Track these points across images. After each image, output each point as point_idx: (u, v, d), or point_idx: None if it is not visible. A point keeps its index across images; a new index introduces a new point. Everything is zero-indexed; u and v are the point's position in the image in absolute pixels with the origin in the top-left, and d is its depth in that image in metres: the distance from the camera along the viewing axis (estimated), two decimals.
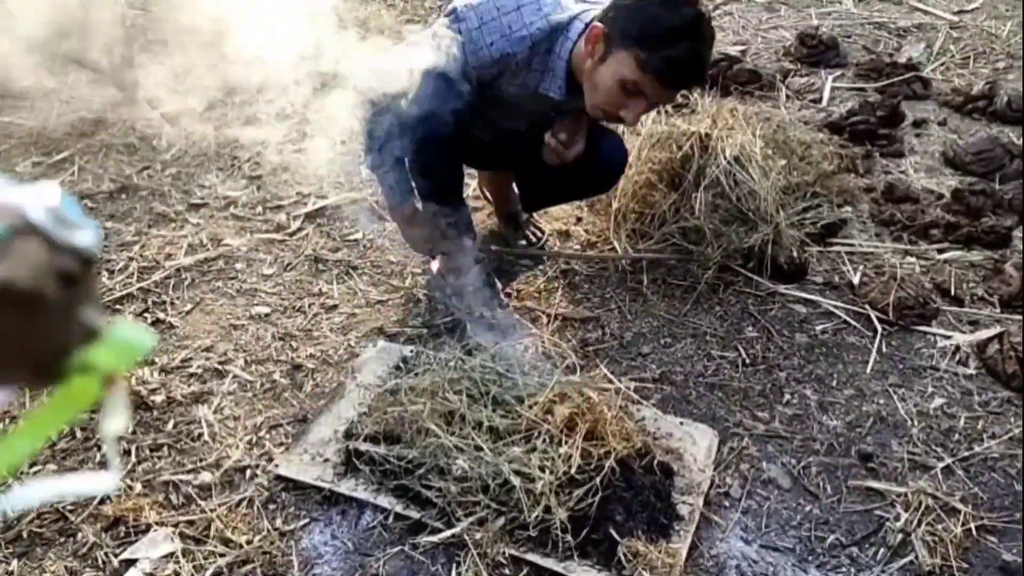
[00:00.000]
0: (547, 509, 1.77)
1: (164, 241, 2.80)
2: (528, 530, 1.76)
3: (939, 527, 1.85)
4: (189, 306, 2.51)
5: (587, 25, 2.09)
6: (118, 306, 2.51)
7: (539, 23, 2.08)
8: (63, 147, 3.35)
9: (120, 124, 3.51)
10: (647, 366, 2.32)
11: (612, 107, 2.08)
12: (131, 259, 2.71)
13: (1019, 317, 2.43)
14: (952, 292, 2.53)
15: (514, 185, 2.77)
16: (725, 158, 2.52)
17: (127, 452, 2.02)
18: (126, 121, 3.52)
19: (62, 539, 1.83)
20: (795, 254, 2.59)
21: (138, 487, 1.93)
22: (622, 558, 1.74)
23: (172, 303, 2.52)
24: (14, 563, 1.77)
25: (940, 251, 2.72)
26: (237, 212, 2.96)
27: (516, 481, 1.79)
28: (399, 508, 1.85)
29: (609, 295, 2.57)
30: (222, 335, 2.38)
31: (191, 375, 2.25)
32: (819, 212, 2.76)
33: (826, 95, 3.68)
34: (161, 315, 2.47)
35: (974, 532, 1.85)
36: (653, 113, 2.86)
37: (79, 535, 1.83)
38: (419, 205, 2.34)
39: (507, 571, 1.74)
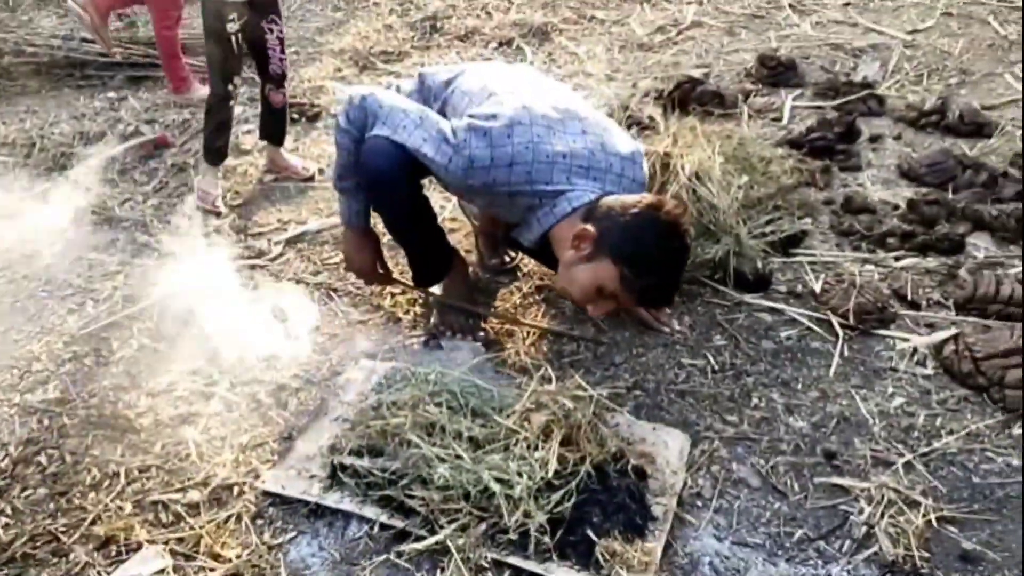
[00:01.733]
0: (526, 513, 1.84)
1: (147, 270, 2.86)
2: (509, 534, 1.83)
3: (901, 519, 1.93)
4: (173, 332, 2.57)
5: (574, 209, 2.17)
6: (104, 334, 2.56)
7: (524, 186, 2.16)
8: (43, 179, 3.41)
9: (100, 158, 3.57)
10: (620, 375, 2.40)
11: (581, 302, 2.24)
12: (115, 288, 2.77)
13: (973, 319, 2.54)
14: (909, 297, 2.64)
15: None
16: (685, 174, 2.63)
17: (115, 475, 2.07)
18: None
19: (55, 559, 1.87)
20: (759, 265, 2.70)
21: (128, 507, 1.98)
22: (599, 558, 1.81)
23: (157, 329, 2.58)
24: None
25: (897, 259, 2.84)
26: (219, 240, 3.03)
27: (496, 487, 1.87)
28: (384, 518, 1.92)
29: (581, 315, 2.65)
30: (207, 358, 2.44)
31: (178, 398, 2.31)
32: (780, 224, 2.86)
33: (786, 113, 3.81)
34: (146, 341, 2.53)
35: (935, 523, 1.93)
36: None
37: (71, 555, 1.88)
38: (370, 228, 2.46)
39: (490, 574, 1.81)
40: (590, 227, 2.10)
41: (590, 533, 1.85)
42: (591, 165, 2.20)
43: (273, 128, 3.41)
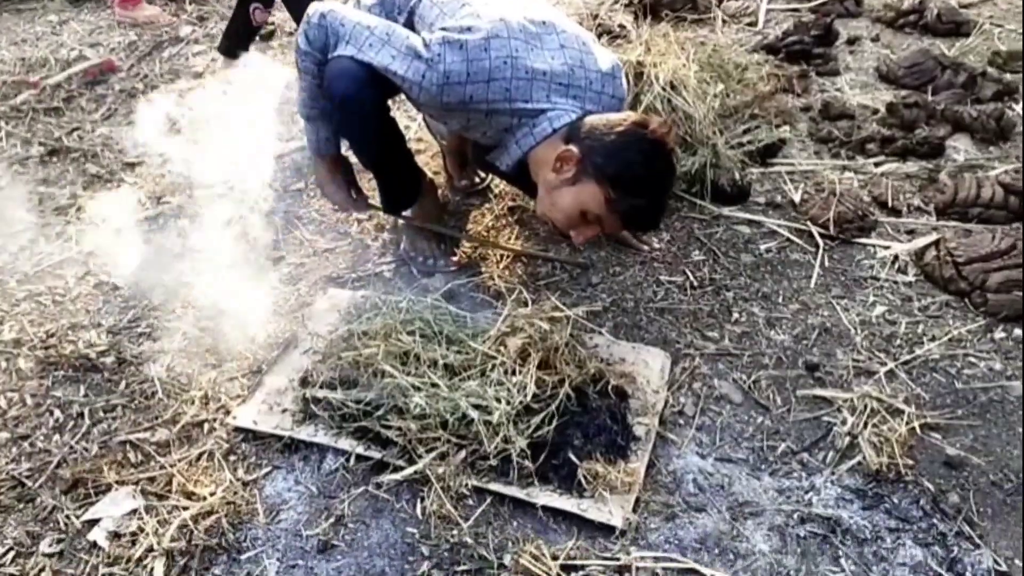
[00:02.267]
0: (506, 439, 1.79)
1: (101, 202, 2.73)
2: (489, 460, 1.79)
3: (884, 428, 1.91)
4: (133, 266, 2.46)
5: (555, 130, 2.04)
6: (59, 271, 2.45)
7: (502, 103, 2.03)
8: None
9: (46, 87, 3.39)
10: (598, 295, 2.34)
11: (564, 227, 2.09)
12: (68, 223, 2.65)
13: (954, 224, 2.50)
14: (889, 203, 2.59)
15: None
16: (659, 84, 2.53)
17: (79, 416, 2.00)
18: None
19: (21, 505, 1.81)
20: (737, 176, 2.63)
21: (95, 448, 1.91)
22: (582, 480, 1.78)
23: (115, 264, 2.47)
24: None
25: (877, 164, 2.78)
26: (175, 168, 2.90)
27: (474, 414, 1.82)
28: (360, 450, 1.86)
29: (556, 236, 2.57)
30: (169, 293, 2.34)
31: (140, 334, 2.23)
32: (758, 133, 2.79)
33: (761, 18, 3.69)
34: (104, 277, 2.43)
35: (918, 430, 1.92)
36: None
37: (38, 500, 1.81)
38: (341, 154, 2.33)
39: (471, 502, 1.77)
40: (573, 148, 2.00)
41: (572, 456, 1.81)
42: (571, 83, 2.08)
43: (239, 43, 3.27)
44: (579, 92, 2.09)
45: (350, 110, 2.11)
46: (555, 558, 1.65)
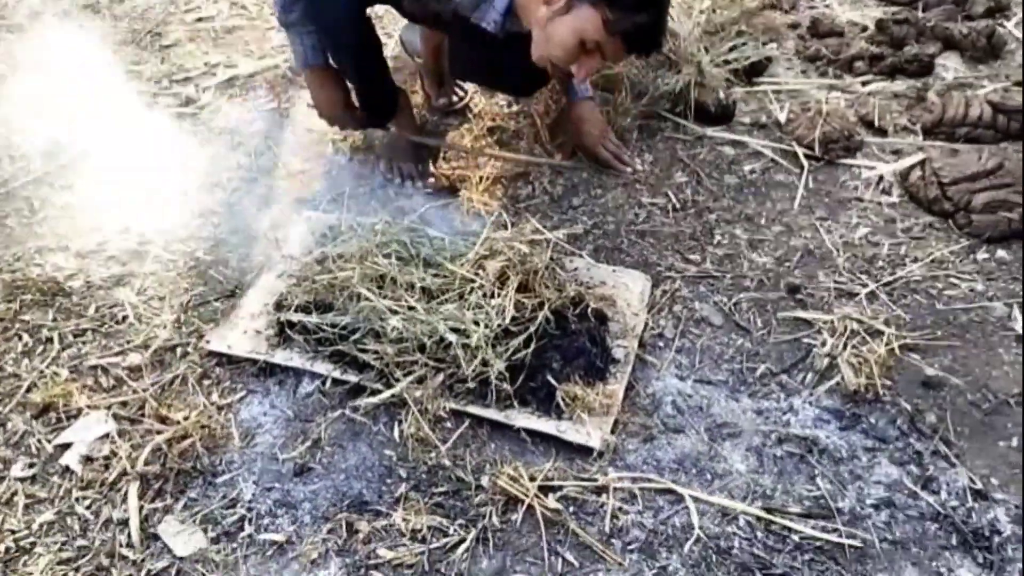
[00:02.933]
0: (484, 362, 1.77)
1: (65, 120, 2.63)
2: (467, 383, 1.77)
3: (864, 349, 1.90)
4: (100, 187, 2.39)
5: None
6: (24, 193, 2.38)
7: None
8: None
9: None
10: (578, 218, 2.30)
11: (564, 62, 1.95)
12: (31, 143, 2.55)
13: (940, 143, 2.46)
14: (876, 123, 2.54)
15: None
16: None
17: (48, 340, 1.96)
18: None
19: None
20: (721, 96, 2.56)
21: (64, 373, 1.88)
22: (560, 403, 1.77)
23: (81, 185, 2.40)
24: None
25: (864, 84, 2.71)
26: (141, 87, 2.80)
27: (452, 337, 1.79)
28: (336, 373, 1.84)
29: (537, 151, 2.51)
30: (137, 215, 2.28)
31: (109, 258, 2.17)
32: (744, 51, 2.71)
33: None
34: (69, 199, 2.36)
35: (897, 351, 1.91)
36: None
37: (8, 424, 1.79)
38: (330, 65, 2.24)
39: (448, 425, 1.76)
40: None
41: (550, 379, 1.80)
42: None
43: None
44: None
45: (328, 9, 2.02)
46: (533, 479, 1.64)
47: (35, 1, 3.27)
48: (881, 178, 2.37)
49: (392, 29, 2.99)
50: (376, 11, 2.07)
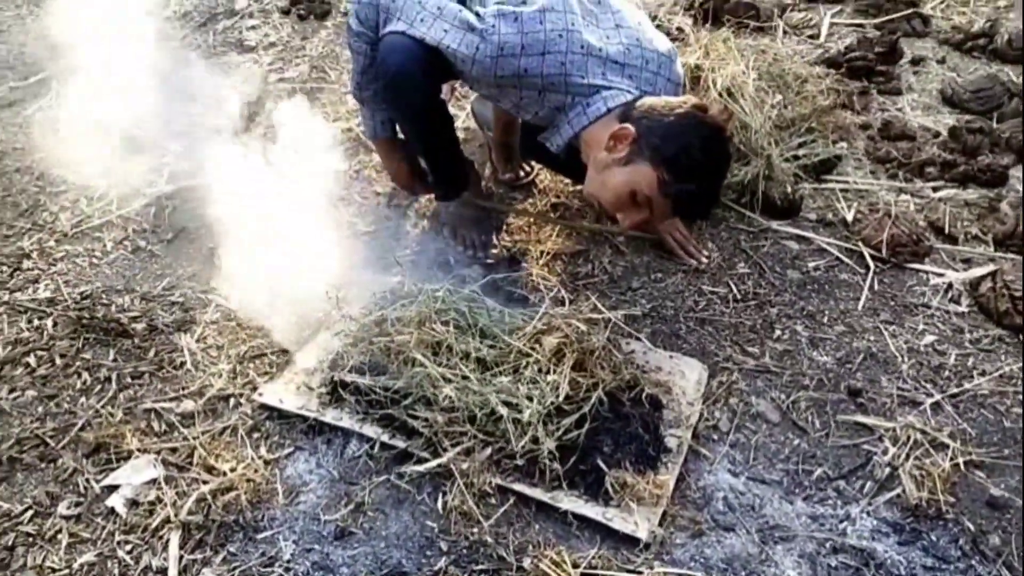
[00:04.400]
0: (534, 439, 1.75)
1: (145, 169, 2.72)
2: (515, 460, 1.75)
3: (927, 461, 1.84)
4: (171, 234, 2.45)
5: (609, 110, 2.01)
6: (97, 234, 2.45)
7: (557, 78, 1.99)
8: (39, 70, 3.25)
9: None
10: (637, 300, 2.29)
11: (612, 208, 2.04)
12: (111, 187, 2.64)
13: (1013, 256, 2.41)
14: (946, 230, 2.50)
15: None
16: (716, 90, 2.46)
17: (107, 380, 1.98)
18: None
19: (43, 465, 1.80)
20: (789, 190, 2.55)
21: (119, 414, 1.90)
22: (609, 488, 1.73)
23: (154, 230, 2.47)
24: None
25: (935, 189, 2.69)
26: (219, 141, 2.88)
27: (503, 411, 1.77)
28: (385, 437, 1.83)
29: (599, 230, 2.52)
30: (205, 263, 2.33)
31: (173, 303, 2.21)
32: (814, 148, 2.70)
33: (824, 30, 3.59)
34: (142, 243, 2.42)
35: (962, 467, 1.85)
36: None
37: (60, 461, 1.80)
38: (398, 137, 2.31)
39: (493, 500, 1.73)
40: (629, 126, 1.95)
41: (600, 463, 1.76)
42: (627, 62, 2.03)
43: None
44: (635, 72, 2.04)
45: (402, 86, 2.08)
46: (576, 566, 1.60)
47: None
48: (950, 286, 2.33)
49: (464, 102, 3.05)
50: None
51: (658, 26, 3.36)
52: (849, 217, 2.56)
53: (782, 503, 1.78)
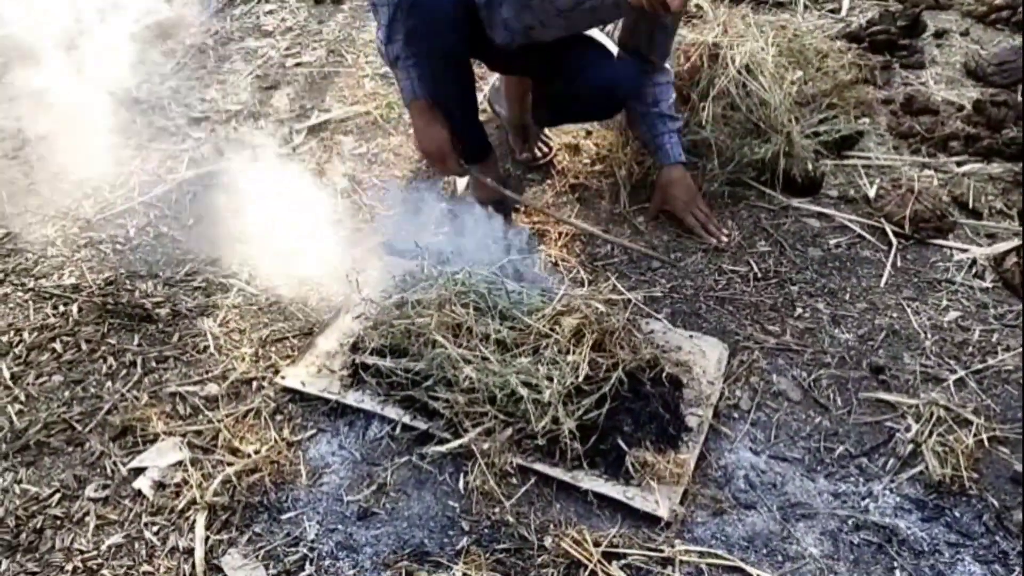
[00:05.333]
0: (555, 419, 1.75)
1: (165, 155, 2.74)
2: (536, 440, 1.75)
3: (950, 438, 1.83)
4: (192, 220, 2.47)
5: None
6: (120, 220, 2.47)
7: None
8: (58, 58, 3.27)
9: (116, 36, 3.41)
10: (657, 280, 2.28)
11: None
12: (132, 173, 2.66)
13: None
14: (970, 205, 2.47)
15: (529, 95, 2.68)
16: (735, 67, 2.44)
17: (132, 364, 2.01)
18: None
19: (70, 448, 1.83)
20: (809, 167, 2.53)
21: (144, 398, 1.93)
22: (630, 468, 1.73)
23: (175, 217, 2.49)
24: (22, 472, 1.77)
25: (959, 164, 2.65)
26: (238, 126, 2.90)
27: (523, 392, 1.78)
28: (406, 419, 1.84)
29: (618, 210, 2.52)
30: (227, 248, 2.34)
31: (196, 288, 2.23)
32: (835, 124, 2.67)
33: (845, 4, 3.55)
34: (164, 229, 2.44)
35: (986, 443, 1.83)
36: None
37: (87, 444, 1.83)
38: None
39: (514, 480, 1.74)
40: None
41: (621, 442, 1.77)
42: None
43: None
44: None
45: (436, 25, 2.09)
46: (597, 544, 1.61)
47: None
48: (974, 261, 2.30)
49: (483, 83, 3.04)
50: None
51: None
52: (871, 193, 2.53)
53: (804, 481, 1.78)
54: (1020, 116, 2.79)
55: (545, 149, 2.74)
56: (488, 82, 2.90)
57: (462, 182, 2.55)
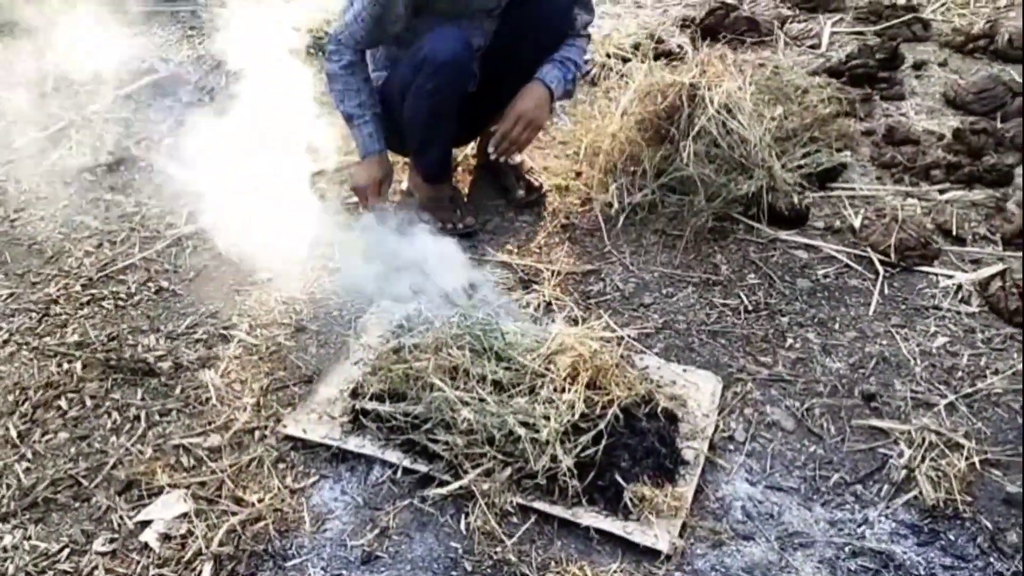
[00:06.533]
0: (553, 458, 1.78)
1: (164, 211, 2.80)
2: (535, 479, 1.78)
3: (943, 462, 1.86)
4: (192, 273, 2.52)
5: None
6: (121, 277, 2.52)
7: None
8: (59, 119, 3.35)
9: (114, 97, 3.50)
10: (649, 316, 2.32)
11: None
12: (132, 230, 2.72)
13: (1021, 254, 2.42)
14: (954, 232, 2.52)
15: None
16: (713, 107, 2.50)
17: (136, 418, 2.04)
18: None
19: (77, 504, 1.86)
20: (795, 199, 2.58)
21: (149, 451, 1.96)
22: (628, 503, 1.76)
23: (175, 271, 2.54)
24: (31, 528, 1.80)
25: (941, 192, 2.71)
26: (235, 182, 2.95)
27: (521, 431, 1.81)
28: (407, 462, 1.87)
29: (609, 248, 2.57)
30: (226, 300, 2.39)
31: (197, 340, 2.27)
32: (818, 157, 2.74)
33: (825, 40, 3.64)
34: (164, 283, 2.49)
35: (978, 466, 1.86)
36: (644, 67, 2.82)
37: (93, 499, 1.86)
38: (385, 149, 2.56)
39: (515, 519, 1.76)
40: None
41: (619, 478, 1.79)
42: None
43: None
44: None
45: (453, 72, 2.36)
46: None
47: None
48: (960, 287, 2.34)
49: None
50: None
51: (660, 44, 3.43)
52: (856, 223, 2.59)
53: (800, 510, 1.80)
54: (1000, 143, 2.85)
55: (536, 185, 2.79)
56: None
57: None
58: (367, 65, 2.53)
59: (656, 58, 3.22)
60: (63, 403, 2.10)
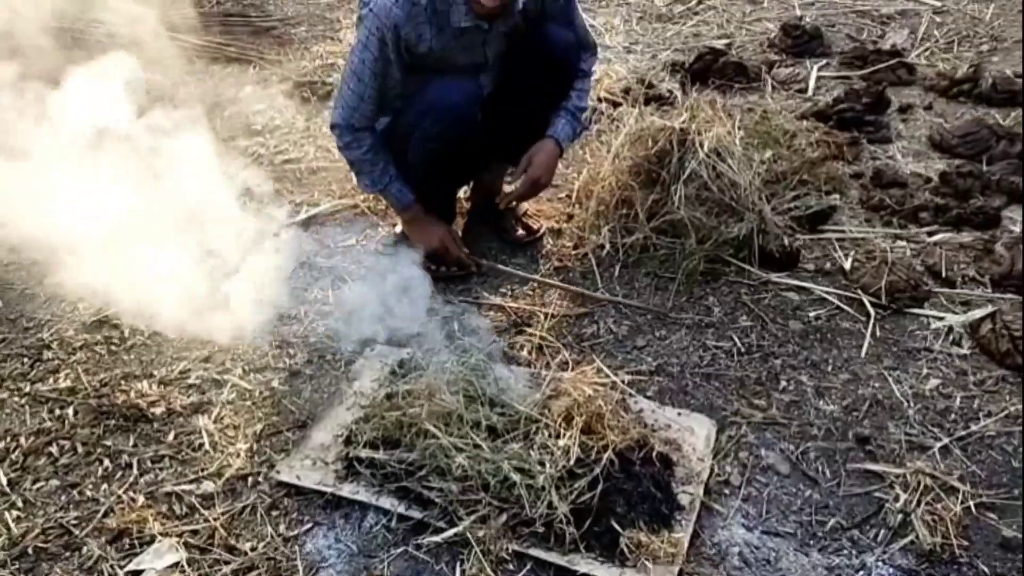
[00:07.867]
0: (548, 504, 1.78)
1: (153, 255, 2.79)
2: (531, 525, 1.77)
3: (938, 506, 1.86)
4: (185, 319, 2.51)
5: None
6: (115, 322, 2.51)
7: None
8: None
9: None
10: (643, 359, 2.33)
11: None
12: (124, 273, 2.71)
13: (1011, 296, 2.45)
14: (943, 274, 2.55)
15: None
16: (703, 151, 2.54)
17: (128, 465, 2.03)
18: None
19: (67, 553, 1.83)
20: (786, 242, 2.61)
21: (141, 499, 1.94)
22: (625, 549, 1.75)
23: (168, 317, 2.53)
24: None
25: (930, 234, 2.74)
26: (228, 223, 2.96)
27: (516, 477, 1.81)
28: (401, 509, 1.86)
29: (599, 290, 2.58)
30: (219, 345, 2.39)
31: (190, 386, 2.26)
32: (807, 200, 2.77)
33: (811, 84, 3.69)
34: (158, 328, 2.48)
35: (973, 510, 1.86)
36: (634, 111, 2.87)
37: (84, 549, 1.84)
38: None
39: (511, 566, 1.75)
40: None
41: (614, 524, 1.79)
42: None
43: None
44: None
45: (458, 122, 2.39)
46: None
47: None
48: (951, 329, 2.36)
49: None
50: None
51: (650, 89, 3.48)
52: (847, 265, 2.61)
53: (797, 555, 1.79)
54: (986, 186, 2.89)
55: (533, 227, 2.81)
56: None
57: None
58: (378, 134, 2.54)
59: (646, 103, 3.27)
60: (54, 450, 2.08)
